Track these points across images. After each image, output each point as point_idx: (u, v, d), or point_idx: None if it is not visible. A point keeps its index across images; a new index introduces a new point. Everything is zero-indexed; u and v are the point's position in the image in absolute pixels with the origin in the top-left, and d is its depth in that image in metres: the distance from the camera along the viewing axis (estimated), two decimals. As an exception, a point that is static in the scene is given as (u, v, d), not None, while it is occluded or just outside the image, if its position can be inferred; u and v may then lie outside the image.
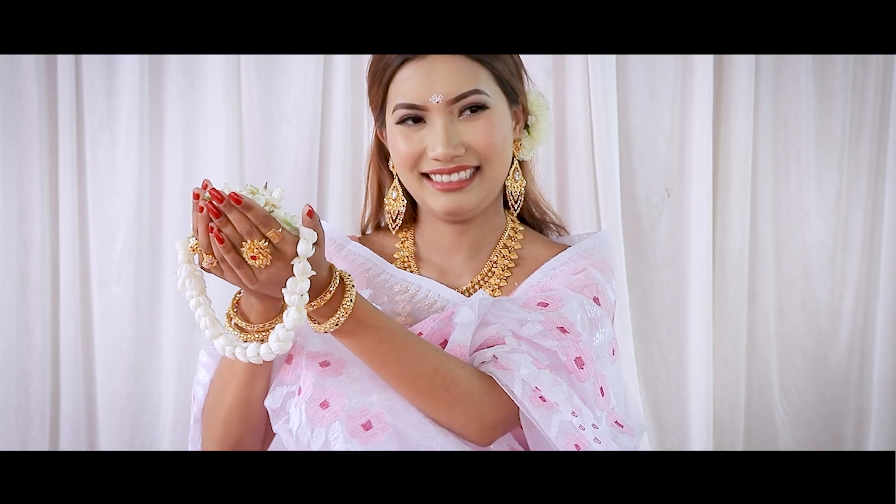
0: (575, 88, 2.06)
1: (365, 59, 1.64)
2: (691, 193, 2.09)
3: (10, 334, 2.05)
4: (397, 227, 1.50)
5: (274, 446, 1.40)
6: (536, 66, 2.00)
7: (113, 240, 2.06)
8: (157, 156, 2.07)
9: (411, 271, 1.48)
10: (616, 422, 1.37)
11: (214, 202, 1.13)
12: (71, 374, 2.07)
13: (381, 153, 1.52)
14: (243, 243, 1.14)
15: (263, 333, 1.24)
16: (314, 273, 1.16)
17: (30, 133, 2.03)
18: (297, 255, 1.15)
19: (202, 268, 1.19)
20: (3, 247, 2.03)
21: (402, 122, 1.40)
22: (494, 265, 1.47)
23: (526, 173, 1.51)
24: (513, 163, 1.46)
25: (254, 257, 1.14)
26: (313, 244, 1.16)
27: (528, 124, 1.49)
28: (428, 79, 1.37)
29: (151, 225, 2.07)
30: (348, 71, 2.05)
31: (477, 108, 1.38)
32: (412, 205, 1.50)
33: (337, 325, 1.21)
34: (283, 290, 1.16)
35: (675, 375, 2.15)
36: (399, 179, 1.47)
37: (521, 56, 1.49)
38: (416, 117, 1.39)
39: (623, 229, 2.08)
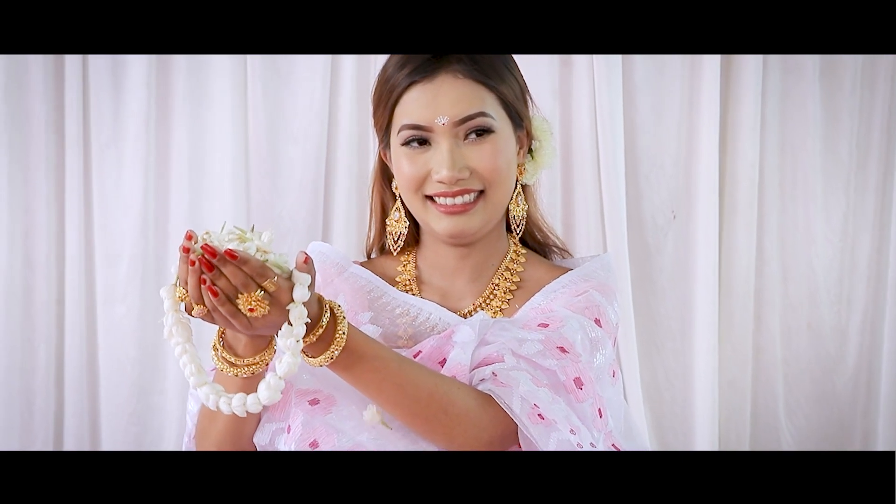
0: (581, 109, 2.06)
1: (371, 78, 1.65)
2: (697, 215, 2.09)
3: (15, 351, 2.05)
4: (398, 249, 1.49)
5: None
6: (543, 87, 2.00)
7: (118, 258, 2.06)
8: (163, 175, 2.07)
9: (413, 294, 1.47)
10: (613, 445, 1.36)
11: (207, 256, 1.10)
12: (75, 393, 2.07)
13: (385, 175, 1.51)
14: (239, 295, 1.12)
15: (254, 366, 1.22)
16: (309, 320, 1.15)
17: (37, 151, 2.04)
18: (293, 300, 1.14)
19: (192, 316, 1.17)
20: (8, 264, 2.04)
21: (407, 143, 1.40)
22: (496, 288, 1.47)
23: (528, 197, 1.50)
24: (516, 187, 1.46)
25: (251, 309, 1.12)
26: (307, 287, 1.14)
27: (532, 149, 1.49)
28: (434, 100, 1.37)
29: (157, 244, 2.07)
30: (354, 90, 2.05)
31: (482, 131, 1.38)
32: (415, 227, 1.50)
33: (332, 358, 1.20)
34: (278, 336, 1.14)
35: (681, 398, 2.14)
36: (402, 201, 1.47)
37: (527, 71, 1.48)
38: (421, 139, 1.39)
39: (629, 251, 2.07)
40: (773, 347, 2.16)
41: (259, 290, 1.12)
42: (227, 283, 1.11)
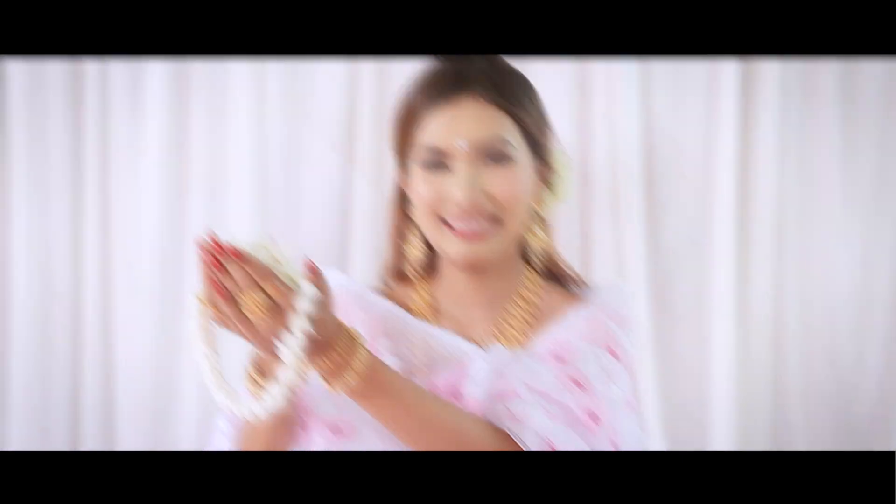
0: (599, 136, 2.06)
1: (391, 101, 1.66)
2: (715, 243, 2.08)
3: (32, 380, 2.06)
4: (417, 276, 1.49)
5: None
6: (560, 114, 2.00)
7: (136, 287, 2.07)
8: (181, 201, 2.08)
9: (429, 322, 1.47)
10: None
11: (215, 253, 1.13)
12: (92, 421, 2.08)
13: (404, 200, 1.52)
14: (241, 296, 1.14)
15: None
16: (311, 331, 1.15)
17: (56, 178, 2.06)
18: (295, 311, 1.15)
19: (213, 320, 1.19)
20: (27, 291, 2.05)
21: (425, 166, 1.40)
22: (512, 317, 1.47)
23: (545, 230, 1.50)
24: (534, 218, 1.46)
25: (250, 310, 1.14)
26: (316, 302, 1.15)
27: (550, 181, 1.49)
28: (453, 124, 1.37)
29: (174, 271, 2.08)
30: (374, 113, 2.05)
31: (501, 157, 1.38)
32: (432, 254, 1.50)
33: (348, 386, 1.21)
34: (278, 346, 1.15)
35: (698, 425, 2.12)
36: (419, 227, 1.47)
37: (543, 98, 1.49)
38: (439, 163, 1.39)
39: (646, 279, 2.07)
40: (791, 376, 2.14)
41: (262, 295, 1.13)
42: (232, 283, 1.13)
